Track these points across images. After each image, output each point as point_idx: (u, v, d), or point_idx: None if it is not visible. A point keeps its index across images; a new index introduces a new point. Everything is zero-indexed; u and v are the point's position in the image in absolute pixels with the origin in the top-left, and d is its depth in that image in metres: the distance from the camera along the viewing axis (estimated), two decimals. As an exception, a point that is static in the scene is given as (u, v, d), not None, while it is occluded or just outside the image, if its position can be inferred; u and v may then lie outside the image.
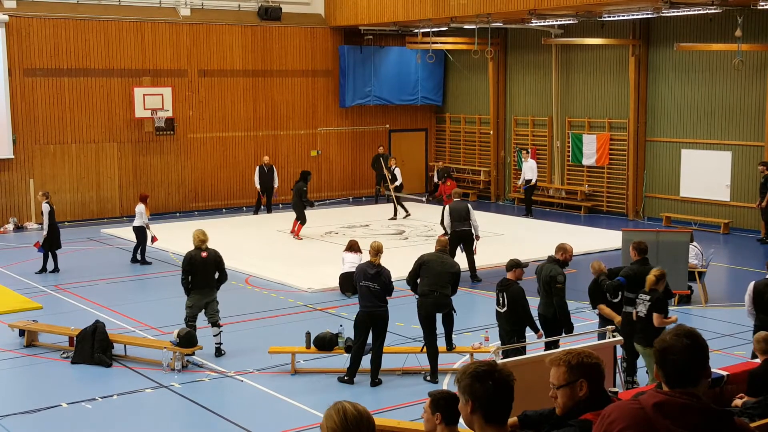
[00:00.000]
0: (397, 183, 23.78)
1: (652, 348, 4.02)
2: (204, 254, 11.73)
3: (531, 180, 24.00)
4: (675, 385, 3.41)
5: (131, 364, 11.60)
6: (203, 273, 11.77)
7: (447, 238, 13.40)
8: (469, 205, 16.82)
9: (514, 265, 10.36)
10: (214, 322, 11.91)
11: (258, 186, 24.14)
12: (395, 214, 23.15)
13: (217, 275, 11.89)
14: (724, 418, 3.42)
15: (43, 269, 17.08)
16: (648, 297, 9.59)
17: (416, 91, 28.42)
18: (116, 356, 11.73)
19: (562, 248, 10.73)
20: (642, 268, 10.25)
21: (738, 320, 12.61)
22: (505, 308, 10.19)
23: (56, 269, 17.12)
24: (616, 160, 24.05)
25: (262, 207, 24.42)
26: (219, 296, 12.00)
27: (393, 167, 23.91)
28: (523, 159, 24.52)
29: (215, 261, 11.80)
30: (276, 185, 24.31)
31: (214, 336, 11.88)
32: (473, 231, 16.25)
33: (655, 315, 9.49)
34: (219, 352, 11.85)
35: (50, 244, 16.99)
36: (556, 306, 10.40)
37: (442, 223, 16.72)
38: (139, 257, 17.94)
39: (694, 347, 3.45)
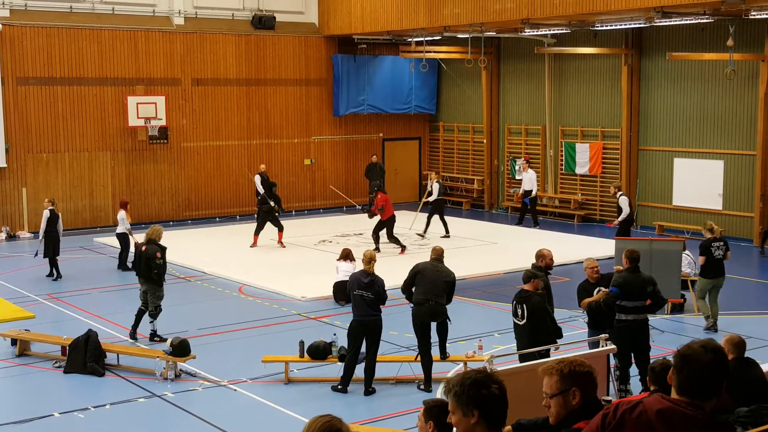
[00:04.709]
0: (431, 198, 21.77)
1: None
2: (144, 248, 12.90)
3: (531, 191, 23.71)
4: (685, 393, 3.40)
5: (124, 373, 11.56)
6: (141, 263, 12.91)
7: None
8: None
9: (532, 275, 9.95)
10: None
11: None
12: (425, 231, 21.74)
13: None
14: (726, 433, 3.42)
15: (51, 274, 17.01)
16: None
17: (410, 100, 28.46)
18: (109, 365, 11.70)
19: (540, 255, 10.62)
20: (633, 275, 10.30)
21: (730, 328, 12.62)
22: (524, 320, 9.71)
23: (57, 276, 17.03)
24: (609, 169, 24.10)
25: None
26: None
27: (431, 182, 21.92)
28: (521, 169, 24.35)
29: (147, 256, 12.87)
30: None
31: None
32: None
33: None
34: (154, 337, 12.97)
35: (45, 251, 16.92)
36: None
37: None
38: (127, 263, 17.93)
39: (717, 364, 3.43)
